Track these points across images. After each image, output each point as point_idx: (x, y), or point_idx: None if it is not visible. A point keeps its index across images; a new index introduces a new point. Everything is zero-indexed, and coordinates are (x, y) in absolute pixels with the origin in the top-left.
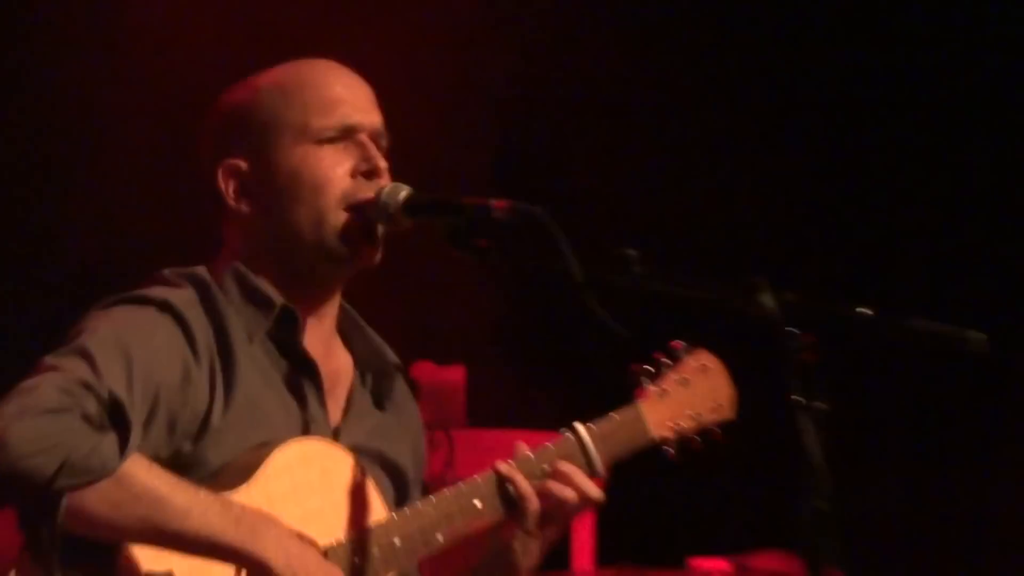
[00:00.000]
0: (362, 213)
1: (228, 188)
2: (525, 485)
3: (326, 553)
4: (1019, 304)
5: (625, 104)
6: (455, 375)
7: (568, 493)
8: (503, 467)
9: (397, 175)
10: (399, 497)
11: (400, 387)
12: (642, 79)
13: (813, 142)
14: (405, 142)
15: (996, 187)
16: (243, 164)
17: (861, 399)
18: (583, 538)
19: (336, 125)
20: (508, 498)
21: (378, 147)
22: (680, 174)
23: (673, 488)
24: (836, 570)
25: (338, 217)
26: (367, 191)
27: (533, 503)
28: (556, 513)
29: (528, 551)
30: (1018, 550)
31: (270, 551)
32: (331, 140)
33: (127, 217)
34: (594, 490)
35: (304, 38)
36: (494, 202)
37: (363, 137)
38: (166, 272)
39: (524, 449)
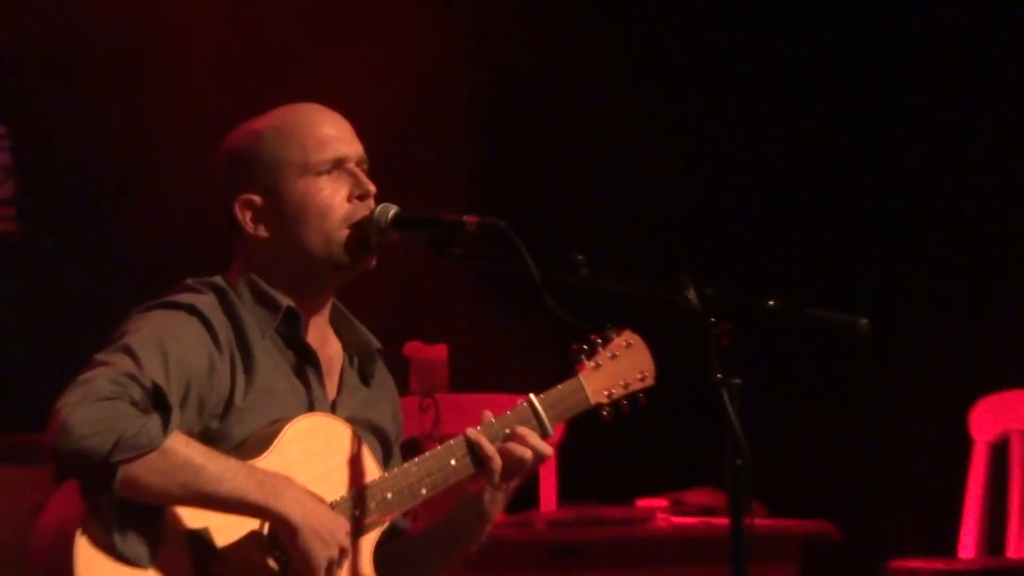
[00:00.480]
0: (360, 229)
1: (245, 218)
2: (489, 447)
3: (332, 507)
4: (890, 291)
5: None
6: (439, 352)
7: (524, 452)
8: (471, 433)
9: (387, 191)
10: (385, 453)
11: (380, 366)
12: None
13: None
14: (391, 162)
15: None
16: (256, 198)
17: (768, 372)
18: (548, 482)
19: (329, 159)
20: (476, 458)
21: (364, 172)
22: (616, 181)
23: (622, 440)
24: (752, 501)
25: (341, 234)
26: (363, 211)
27: (496, 461)
28: (516, 468)
29: (495, 500)
30: (895, 481)
31: (289, 507)
32: (327, 172)
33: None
34: (546, 449)
35: (289, 65)
36: (467, 217)
37: (351, 166)
38: (190, 281)
39: (488, 416)
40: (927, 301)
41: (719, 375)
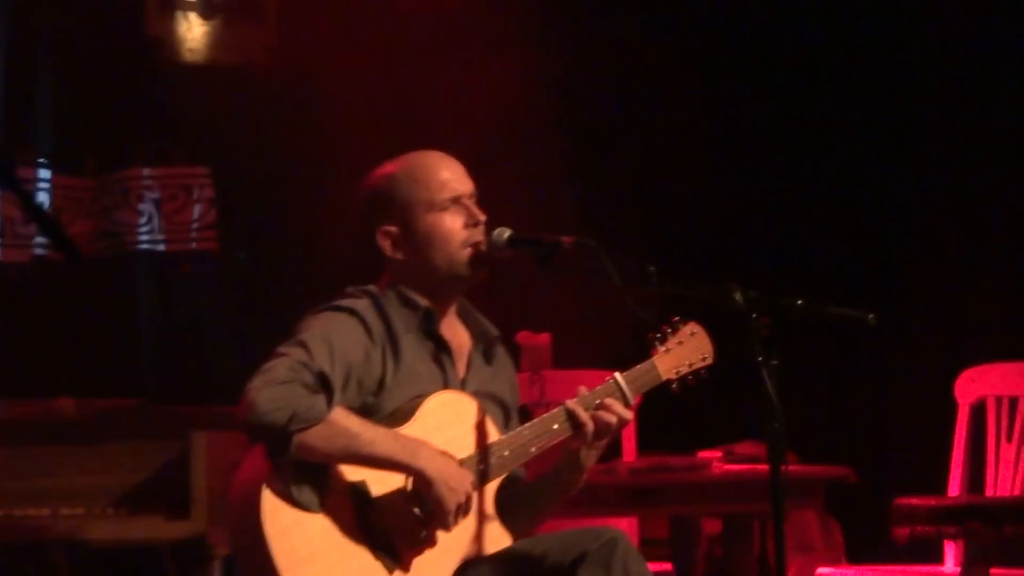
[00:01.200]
0: (480, 249)
1: (386, 244)
2: (583, 414)
3: (462, 463)
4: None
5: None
6: (544, 339)
7: (611, 418)
8: (570, 404)
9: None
10: (505, 417)
11: (500, 349)
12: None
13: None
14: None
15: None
16: (393, 229)
17: (799, 353)
18: (629, 438)
19: (448, 197)
20: (574, 423)
21: (475, 204)
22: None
23: (686, 405)
24: (786, 451)
25: (463, 255)
26: (477, 235)
27: (589, 426)
28: (604, 430)
29: (589, 455)
30: (898, 435)
31: (425, 463)
32: (447, 207)
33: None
34: (627, 415)
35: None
36: (564, 237)
37: (466, 200)
38: (350, 288)
39: (583, 390)
40: (922, 290)
41: (760, 358)
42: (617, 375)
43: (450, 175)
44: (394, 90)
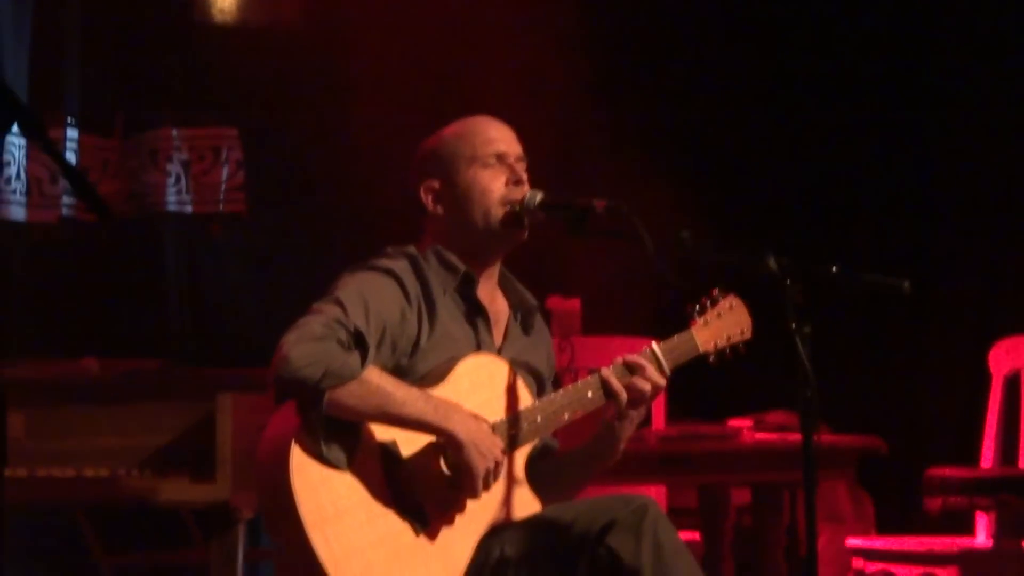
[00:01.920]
0: (513, 208)
1: (428, 199)
2: (617, 384)
3: (493, 427)
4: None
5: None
6: (574, 304)
7: (645, 385)
8: (604, 372)
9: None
10: (539, 390)
11: (538, 319)
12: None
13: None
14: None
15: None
16: (436, 183)
17: (832, 323)
18: (659, 406)
19: (492, 152)
20: (608, 392)
21: (522, 167)
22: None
23: (716, 372)
24: (820, 424)
25: (499, 212)
26: (517, 194)
27: (623, 395)
28: (639, 399)
29: (624, 426)
30: (932, 406)
31: (457, 426)
32: (490, 164)
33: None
34: (662, 382)
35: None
36: (596, 201)
37: (511, 161)
38: (389, 249)
39: (619, 360)
40: (957, 261)
41: (793, 325)
42: (654, 344)
43: (497, 135)
44: (425, 51)
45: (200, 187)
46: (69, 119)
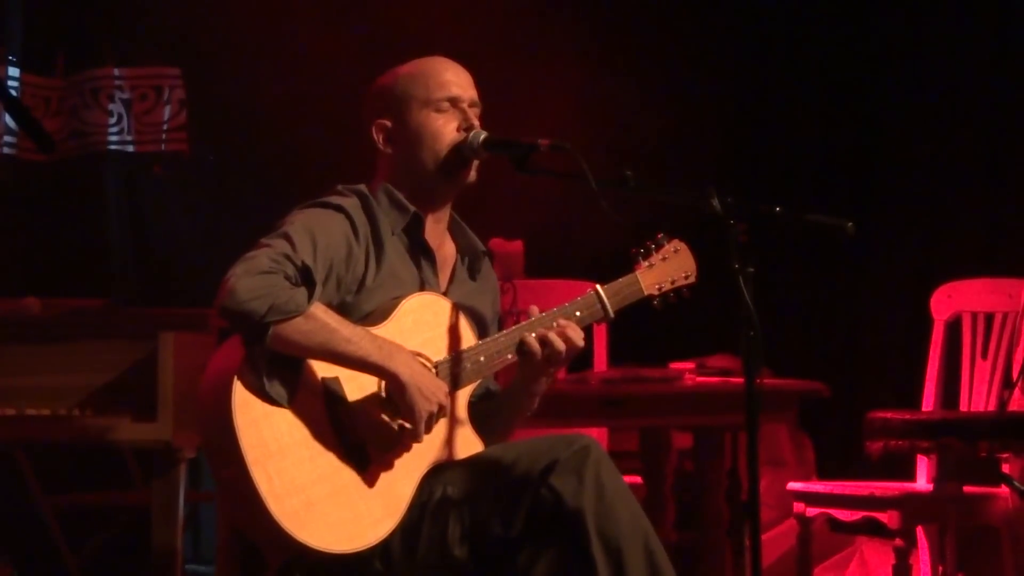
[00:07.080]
0: (458, 149)
1: (379, 138)
2: (532, 341)
3: (436, 365)
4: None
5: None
6: (516, 246)
7: (560, 344)
8: (526, 337)
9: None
10: (482, 335)
11: (486, 264)
12: None
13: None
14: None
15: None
16: (387, 123)
17: (774, 267)
18: (600, 348)
19: (445, 97)
20: (523, 351)
21: (475, 114)
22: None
23: (658, 315)
24: (762, 367)
25: (447, 155)
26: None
27: (539, 355)
28: (555, 358)
29: (539, 382)
30: (873, 350)
31: (400, 367)
32: (443, 109)
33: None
34: (580, 340)
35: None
36: (540, 140)
37: (464, 106)
38: (340, 187)
39: (535, 311)
40: (899, 204)
41: (736, 265)
42: (598, 287)
43: (453, 78)
44: None
45: (142, 126)
46: (11, 58)
